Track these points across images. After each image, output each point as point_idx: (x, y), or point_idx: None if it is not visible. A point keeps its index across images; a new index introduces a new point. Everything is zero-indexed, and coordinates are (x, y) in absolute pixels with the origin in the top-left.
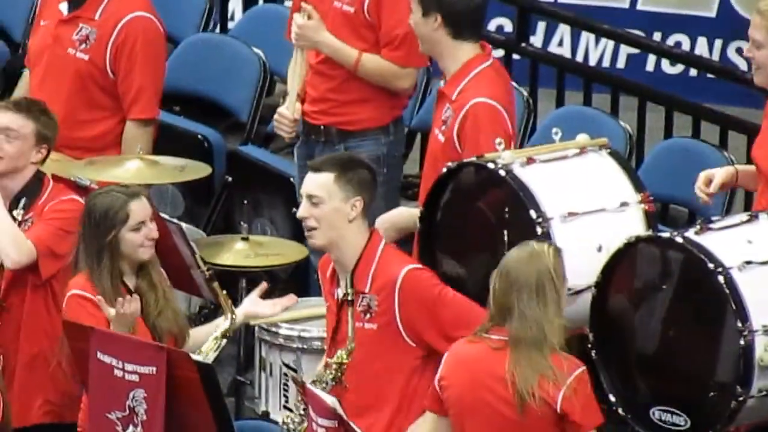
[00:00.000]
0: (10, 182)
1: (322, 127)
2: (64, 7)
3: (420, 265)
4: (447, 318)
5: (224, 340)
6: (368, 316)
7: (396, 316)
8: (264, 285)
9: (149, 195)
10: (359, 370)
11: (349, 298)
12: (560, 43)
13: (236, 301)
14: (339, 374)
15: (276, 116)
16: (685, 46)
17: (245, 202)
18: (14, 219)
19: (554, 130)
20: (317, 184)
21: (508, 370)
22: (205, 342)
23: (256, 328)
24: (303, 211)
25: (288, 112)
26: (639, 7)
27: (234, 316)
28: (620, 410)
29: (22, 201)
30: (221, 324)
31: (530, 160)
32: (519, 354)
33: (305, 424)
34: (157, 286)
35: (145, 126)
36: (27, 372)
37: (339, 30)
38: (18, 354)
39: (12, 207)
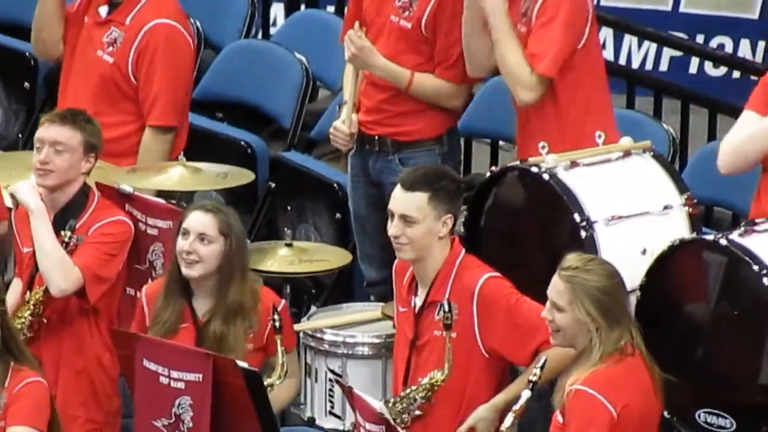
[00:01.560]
0: (60, 195)
1: (376, 137)
2: (103, 10)
3: (497, 274)
4: (523, 326)
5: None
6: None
7: (474, 323)
8: None
9: (230, 225)
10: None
11: (448, 321)
12: (603, 46)
13: None
14: (430, 394)
15: (332, 130)
16: (728, 48)
17: (289, 208)
18: (62, 242)
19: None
20: (412, 205)
21: (654, 369)
22: None
23: (302, 335)
24: (396, 229)
25: (344, 126)
26: (682, 9)
27: (282, 375)
28: (666, 413)
29: (70, 223)
30: (270, 378)
31: (574, 164)
32: (644, 353)
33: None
34: (215, 326)
35: (162, 134)
36: (70, 389)
37: (395, 44)
38: (60, 371)
39: (58, 225)
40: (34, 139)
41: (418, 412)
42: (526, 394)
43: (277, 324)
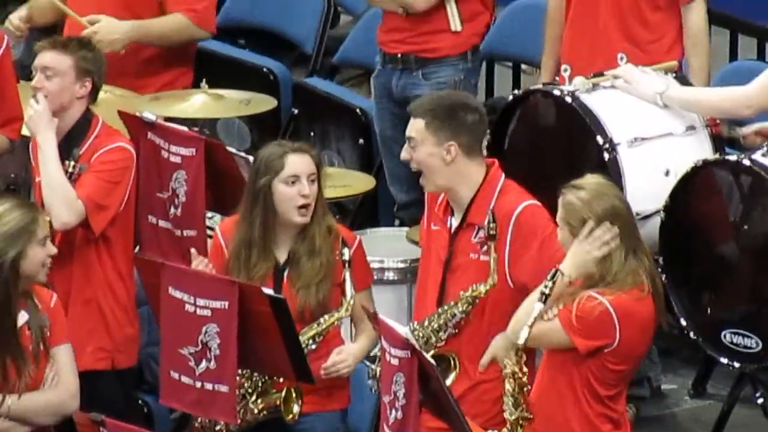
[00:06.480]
0: (60, 121)
1: (399, 55)
2: None
3: (537, 202)
4: (553, 260)
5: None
6: (484, 248)
7: (507, 247)
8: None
9: (320, 158)
10: None
11: (492, 232)
12: None
13: None
14: (471, 308)
15: None
16: None
17: (312, 134)
18: (66, 171)
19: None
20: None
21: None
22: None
23: None
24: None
25: None
26: None
27: (348, 308)
28: (691, 333)
29: (74, 152)
30: (337, 312)
31: (596, 86)
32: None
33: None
34: (316, 257)
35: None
36: (79, 318)
37: None
38: (69, 300)
39: (62, 152)
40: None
41: (453, 331)
42: (539, 306)
43: (345, 257)
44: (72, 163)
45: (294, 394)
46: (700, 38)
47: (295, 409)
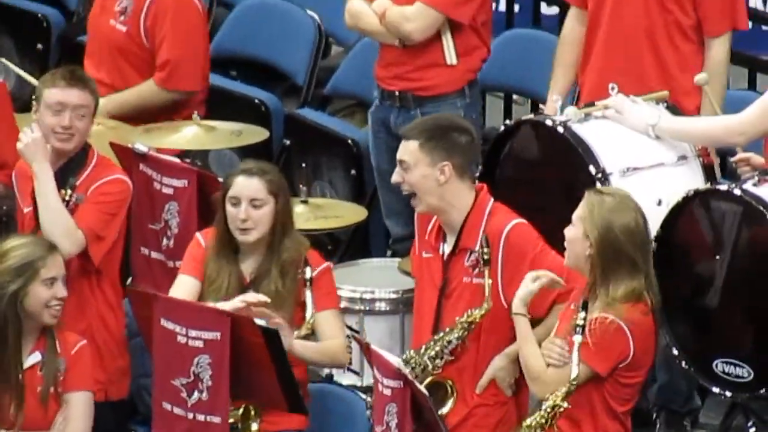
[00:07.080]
0: (62, 152)
1: (397, 93)
2: None
3: (525, 221)
4: None
5: None
6: (476, 270)
7: (498, 267)
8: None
9: (277, 184)
10: None
11: (486, 257)
12: None
13: None
14: (467, 333)
15: None
16: None
17: (304, 165)
18: (62, 199)
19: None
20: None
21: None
22: None
23: None
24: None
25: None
26: None
27: (309, 327)
28: (683, 363)
29: (70, 181)
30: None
31: (588, 116)
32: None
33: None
34: (278, 282)
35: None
36: None
37: None
38: None
39: (59, 182)
40: (48, 101)
41: (450, 357)
42: (578, 338)
43: (306, 276)
44: (69, 192)
45: (253, 412)
46: (718, 72)
47: (254, 427)
